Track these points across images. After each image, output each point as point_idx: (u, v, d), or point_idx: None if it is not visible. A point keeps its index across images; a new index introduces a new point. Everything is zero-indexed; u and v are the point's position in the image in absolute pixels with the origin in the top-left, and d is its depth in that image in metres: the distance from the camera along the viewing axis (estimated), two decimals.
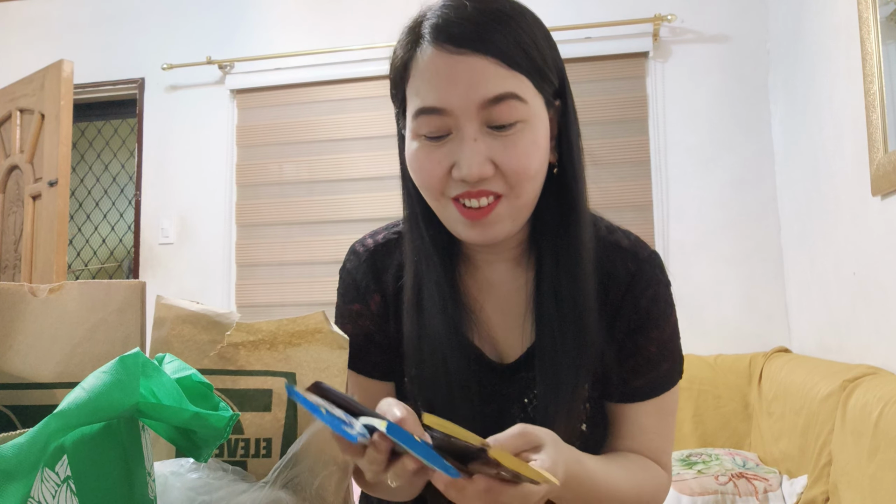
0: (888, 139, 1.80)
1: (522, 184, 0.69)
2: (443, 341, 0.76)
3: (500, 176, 0.68)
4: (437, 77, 0.67)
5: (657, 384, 0.80)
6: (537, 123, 0.69)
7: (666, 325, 0.79)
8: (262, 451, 0.71)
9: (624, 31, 2.90)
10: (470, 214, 0.69)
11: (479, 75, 0.65)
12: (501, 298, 0.81)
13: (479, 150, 0.67)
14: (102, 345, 0.66)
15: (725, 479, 1.98)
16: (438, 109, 0.67)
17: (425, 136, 0.69)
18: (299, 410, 0.73)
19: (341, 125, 3.15)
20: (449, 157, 0.68)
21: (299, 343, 0.73)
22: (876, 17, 1.84)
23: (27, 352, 0.65)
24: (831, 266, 2.25)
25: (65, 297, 0.66)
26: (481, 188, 0.68)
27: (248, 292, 3.20)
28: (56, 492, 0.44)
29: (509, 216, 0.70)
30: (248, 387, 0.72)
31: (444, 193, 0.70)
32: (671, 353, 0.80)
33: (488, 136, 0.67)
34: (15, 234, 3.01)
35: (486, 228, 0.70)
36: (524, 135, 0.68)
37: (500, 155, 0.67)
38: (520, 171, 0.68)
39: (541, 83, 0.70)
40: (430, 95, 0.67)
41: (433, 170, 0.69)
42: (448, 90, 0.66)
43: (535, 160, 0.69)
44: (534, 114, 0.68)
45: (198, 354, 0.71)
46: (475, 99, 0.66)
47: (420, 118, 0.68)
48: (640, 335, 0.79)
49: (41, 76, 2.91)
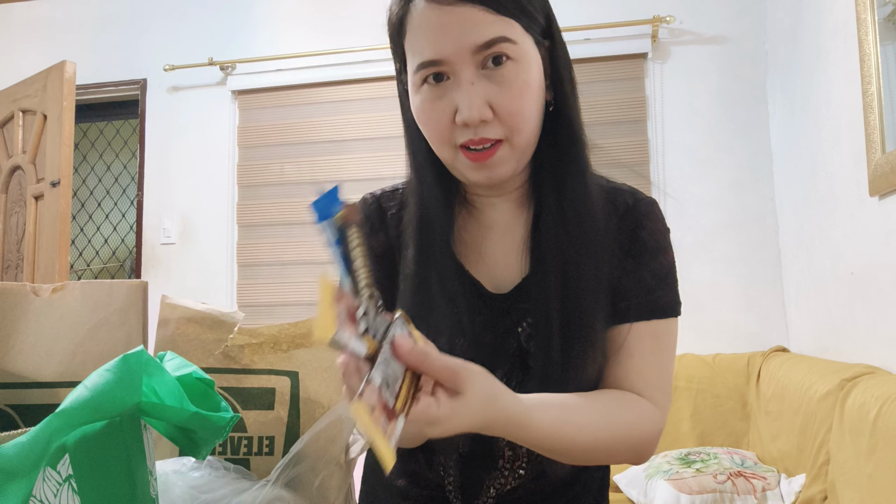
0: (886, 140, 1.80)
1: (519, 125, 0.73)
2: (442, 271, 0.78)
3: (498, 120, 0.72)
4: (431, 30, 0.71)
5: (649, 307, 0.78)
6: (529, 63, 0.73)
7: (662, 258, 0.80)
8: (265, 449, 0.72)
9: (623, 33, 2.90)
10: (475, 157, 0.73)
11: (469, 23, 0.69)
12: (501, 236, 0.83)
13: (477, 92, 0.71)
14: (104, 344, 0.67)
15: (724, 478, 1.98)
16: (436, 61, 0.71)
17: (427, 83, 0.73)
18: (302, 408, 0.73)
19: (342, 126, 3.16)
20: (451, 104, 0.72)
21: (302, 343, 0.74)
22: (874, 18, 1.84)
23: (30, 351, 0.66)
24: (829, 266, 2.25)
25: (67, 296, 0.67)
26: (482, 135, 0.72)
27: (249, 292, 3.21)
28: (58, 491, 0.44)
29: (511, 157, 0.75)
30: (252, 385, 0.72)
31: (451, 142, 0.74)
32: (668, 286, 0.80)
33: (484, 79, 0.71)
34: (17, 235, 3.02)
35: (491, 170, 0.74)
36: (517, 75, 0.71)
37: (496, 97, 0.71)
38: (515, 111, 0.72)
39: (528, 24, 0.73)
40: (427, 49, 0.71)
41: (439, 119, 0.73)
42: (442, 41, 0.70)
43: (528, 100, 0.72)
44: (524, 54, 0.72)
45: (203, 353, 0.72)
46: (468, 46, 0.70)
47: (421, 71, 0.73)
48: (634, 260, 0.79)
49: (43, 77, 2.91)
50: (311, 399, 0.74)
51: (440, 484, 0.84)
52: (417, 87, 0.74)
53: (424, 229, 0.80)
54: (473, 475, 0.82)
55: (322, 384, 0.74)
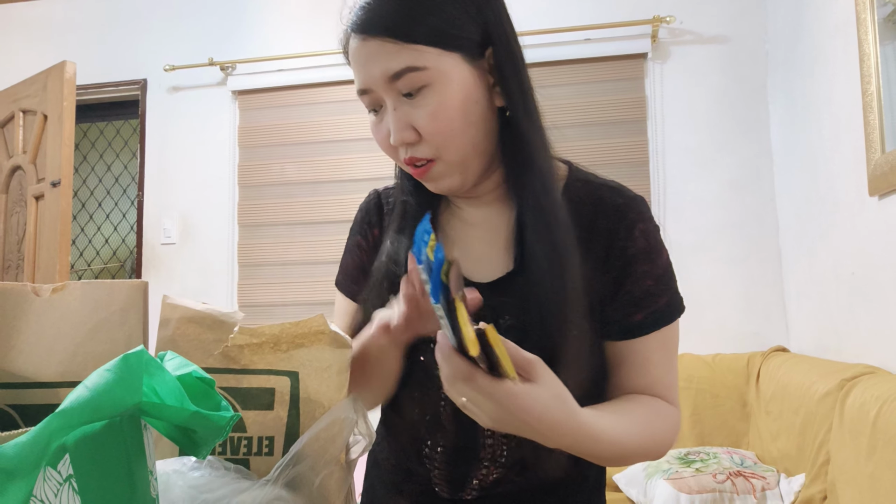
0: (885, 140, 1.80)
1: (445, 143, 0.76)
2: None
3: (424, 140, 0.76)
4: (356, 63, 0.77)
5: (658, 317, 0.80)
6: (445, 83, 0.74)
7: (659, 260, 0.81)
8: (265, 449, 0.72)
9: (623, 33, 2.90)
10: (416, 173, 0.79)
11: (380, 54, 0.74)
12: (484, 233, 0.86)
13: (399, 117, 0.76)
14: (105, 344, 0.67)
15: (723, 478, 1.99)
16: (365, 90, 0.78)
17: (370, 110, 0.80)
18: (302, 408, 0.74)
19: (343, 126, 3.16)
20: (386, 126, 0.78)
21: (302, 343, 0.74)
22: (874, 18, 1.84)
23: (30, 351, 0.66)
24: (829, 266, 2.25)
25: (67, 296, 0.67)
26: (412, 154, 0.77)
27: (250, 292, 3.21)
28: (58, 491, 0.44)
29: (449, 171, 0.78)
30: (252, 385, 0.72)
31: (398, 160, 0.80)
32: (668, 287, 0.82)
33: (405, 104, 0.75)
34: (18, 235, 3.02)
35: (435, 183, 0.80)
36: (432, 97, 0.74)
37: (416, 119, 0.75)
38: (435, 132, 0.75)
39: (448, 44, 0.74)
40: (358, 80, 0.78)
41: (382, 141, 0.80)
42: (363, 73, 0.76)
43: (448, 119, 0.75)
44: (439, 76, 0.74)
45: (203, 353, 0.72)
46: (380, 76, 0.74)
47: (361, 98, 0.80)
48: (635, 267, 0.80)
49: (44, 77, 2.92)
50: (311, 399, 0.74)
51: (428, 477, 0.86)
52: (367, 111, 0.81)
53: (408, 219, 0.85)
54: (458, 468, 0.83)
55: (322, 384, 0.74)
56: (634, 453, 0.74)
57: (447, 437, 0.83)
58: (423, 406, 0.84)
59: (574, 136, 2.85)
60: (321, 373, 0.74)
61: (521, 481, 0.84)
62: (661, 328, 0.80)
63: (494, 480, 0.83)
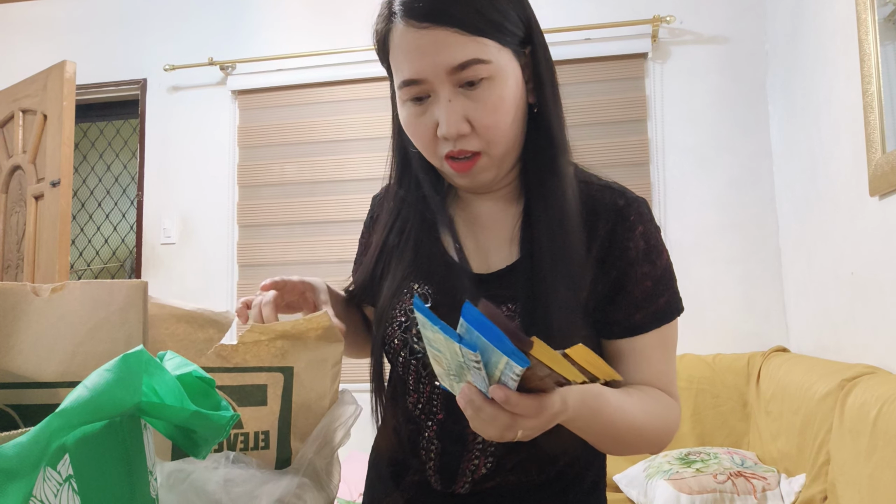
0: (886, 140, 1.80)
1: (496, 138, 0.77)
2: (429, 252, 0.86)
3: (476, 134, 0.76)
4: (409, 52, 0.75)
5: (658, 316, 0.82)
6: (504, 78, 0.75)
7: (659, 262, 0.82)
8: (261, 443, 0.74)
9: (623, 33, 2.90)
10: (458, 167, 0.79)
11: (443, 45, 0.73)
12: (489, 227, 0.88)
13: (454, 109, 0.75)
14: (105, 344, 0.67)
15: (724, 478, 1.99)
16: (415, 81, 0.76)
17: (410, 100, 0.78)
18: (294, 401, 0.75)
19: (343, 126, 3.16)
20: (432, 119, 0.77)
21: (296, 338, 0.75)
22: (874, 18, 1.84)
23: (29, 351, 0.66)
24: (829, 266, 2.25)
25: (67, 296, 0.67)
26: (461, 147, 0.77)
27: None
28: (58, 491, 0.44)
29: (491, 166, 0.80)
30: (245, 383, 0.73)
31: (436, 154, 0.80)
32: (668, 287, 0.83)
33: (461, 95, 0.75)
34: (17, 234, 3.02)
35: (473, 177, 0.81)
36: (492, 91, 0.75)
37: (472, 112, 0.75)
38: (491, 125, 0.76)
39: (504, 38, 0.76)
40: (407, 69, 0.75)
41: (423, 134, 0.78)
42: (420, 62, 0.74)
43: (504, 114, 0.76)
44: (499, 70, 0.75)
45: (194, 353, 0.72)
46: (442, 67, 0.73)
47: (403, 89, 0.77)
48: (635, 269, 0.81)
49: (44, 77, 2.91)
50: (306, 392, 0.75)
51: (424, 469, 0.87)
52: (402, 102, 0.79)
53: (417, 210, 0.87)
54: (450, 460, 0.85)
55: (317, 377, 0.76)
56: (641, 431, 0.75)
57: (440, 424, 0.85)
58: (417, 393, 0.86)
59: (574, 136, 2.78)
60: (317, 366, 0.76)
61: (514, 478, 0.84)
62: (661, 327, 0.82)
63: (485, 475, 0.84)
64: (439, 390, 0.84)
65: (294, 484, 0.69)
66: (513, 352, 0.50)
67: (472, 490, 0.85)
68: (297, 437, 0.75)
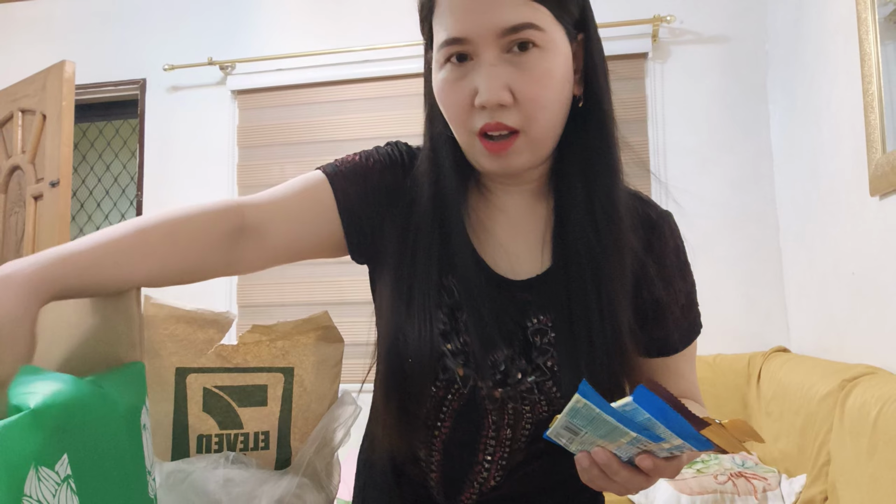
0: (886, 140, 1.80)
1: (537, 114, 0.70)
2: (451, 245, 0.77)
3: (517, 106, 0.70)
4: (458, 8, 0.70)
5: (691, 333, 0.83)
6: (555, 52, 0.70)
7: (689, 278, 0.83)
8: (261, 444, 0.74)
9: (623, 32, 2.90)
10: (492, 147, 0.72)
11: (498, 5, 0.68)
12: (514, 223, 0.81)
13: (498, 74, 0.69)
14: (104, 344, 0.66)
15: (724, 479, 1.98)
16: (461, 39, 0.70)
17: (449, 62, 0.72)
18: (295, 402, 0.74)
19: (343, 126, 3.16)
20: (471, 85, 0.70)
21: (298, 338, 0.75)
22: (874, 17, 1.84)
23: None
24: (830, 266, 2.25)
25: None
26: (499, 120, 0.70)
27: (249, 292, 3.20)
28: (56, 491, 0.44)
29: (528, 149, 0.73)
30: (246, 383, 0.73)
31: (469, 127, 0.73)
32: (696, 303, 0.84)
33: (506, 62, 0.69)
34: (17, 235, 3.02)
35: (506, 160, 0.73)
36: (540, 61, 0.69)
37: (516, 81, 0.69)
38: (534, 97, 0.70)
39: (560, 13, 0.71)
40: (453, 26, 0.70)
41: (458, 99, 0.72)
42: (469, 20, 0.69)
43: (549, 88, 0.70)
44: (551, 42, 0.70)
45: (194, 353, 0.72)
46: (493, 27, 0.68)
47: (445, 48, 0.71)
48: (672, 286, 0.80)
49: (43, 77, 2.91)
50: (306, 392, 0.75)
51: (424, 480, 0.83)
52: (440, 65, 0.73)
53: (438, 204, 0.79)
54: (455, 472, 0.81)
55: (318, 377, 0.76)
56: None
57: (447, 435, 0.80)
58: (420, 403, 0.78)
59: None
60: (317, 367, 0.76)
61: (521, 486, 0.82)
62: (692, 342, 0.83)
63: (493, 486, 0.81)
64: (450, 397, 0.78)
65: (294, 484, 0.69)
66: (693, 436, 0.54)
67: (478, 500, 0.82)
68: (297, 438, 0.75)
